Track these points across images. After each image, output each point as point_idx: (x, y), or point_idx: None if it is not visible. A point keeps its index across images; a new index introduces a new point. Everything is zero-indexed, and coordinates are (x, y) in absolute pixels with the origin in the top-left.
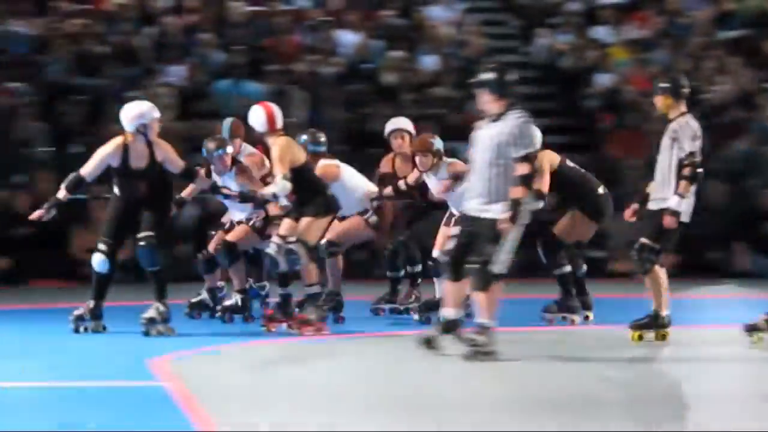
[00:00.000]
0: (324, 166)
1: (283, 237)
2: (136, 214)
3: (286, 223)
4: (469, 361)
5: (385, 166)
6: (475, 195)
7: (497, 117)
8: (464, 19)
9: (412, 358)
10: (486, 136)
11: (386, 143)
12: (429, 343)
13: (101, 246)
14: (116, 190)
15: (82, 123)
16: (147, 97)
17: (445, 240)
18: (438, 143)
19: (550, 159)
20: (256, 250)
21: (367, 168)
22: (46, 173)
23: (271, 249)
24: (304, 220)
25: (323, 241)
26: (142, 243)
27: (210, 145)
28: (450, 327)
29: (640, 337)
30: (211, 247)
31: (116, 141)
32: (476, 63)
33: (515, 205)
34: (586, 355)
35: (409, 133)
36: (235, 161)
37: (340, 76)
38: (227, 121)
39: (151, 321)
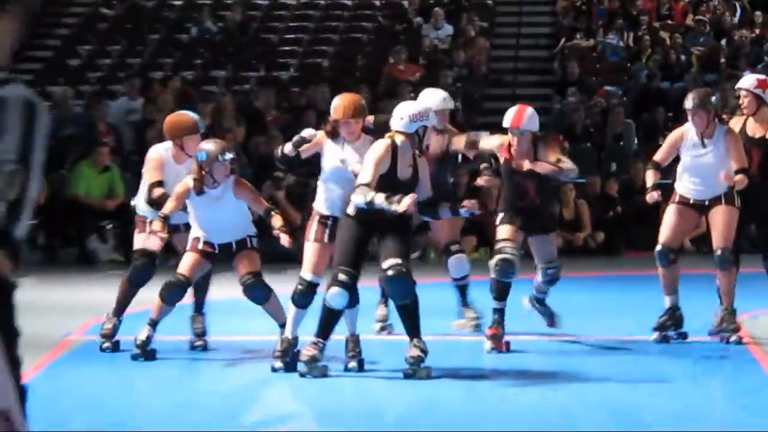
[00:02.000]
0: None
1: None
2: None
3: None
4: None
5: None
6: None
7: None
8: None
9: None
10: None
11: None
12: None
13: (341, 276)
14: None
15: (666, 123)
16: None
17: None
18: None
19: None
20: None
21: None
22: (637, 163)
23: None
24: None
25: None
26: (390, 273)
27: (212, 148)
28: None
29: None
30: None
31: (385, 143)
32: None
33: None
34: None
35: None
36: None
37: None
38: (195, 115)
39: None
